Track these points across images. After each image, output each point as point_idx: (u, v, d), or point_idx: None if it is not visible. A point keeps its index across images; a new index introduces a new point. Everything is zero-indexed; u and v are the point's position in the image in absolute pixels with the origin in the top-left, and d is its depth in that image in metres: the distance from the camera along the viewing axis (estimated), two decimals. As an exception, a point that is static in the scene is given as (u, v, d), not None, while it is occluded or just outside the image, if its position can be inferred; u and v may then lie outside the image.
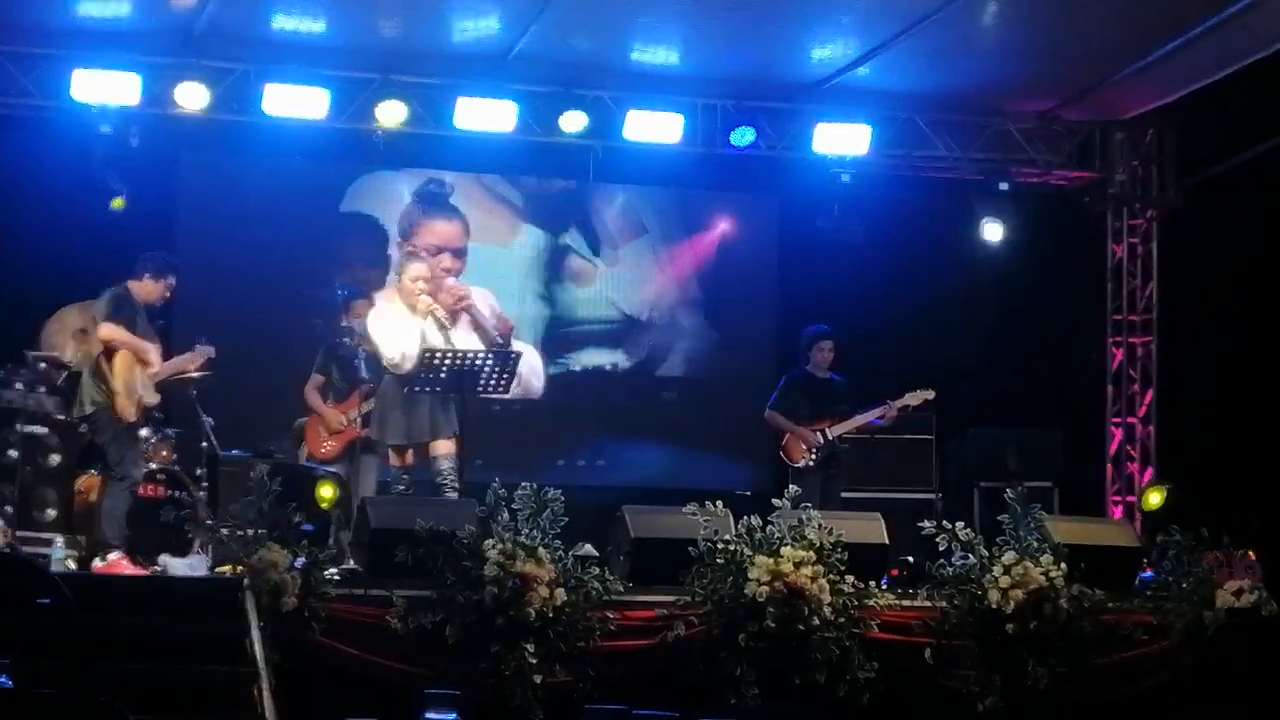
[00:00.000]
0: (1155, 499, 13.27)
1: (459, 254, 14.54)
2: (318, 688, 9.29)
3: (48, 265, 12.90)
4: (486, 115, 13.51)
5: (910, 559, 11.29)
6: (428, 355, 11.16)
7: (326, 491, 11.30)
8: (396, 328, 11.39)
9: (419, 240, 14.41)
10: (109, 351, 10.83)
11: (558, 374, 14.90)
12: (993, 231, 14.32)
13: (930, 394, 12.87)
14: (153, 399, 11.05)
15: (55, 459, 11.68)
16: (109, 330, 10.87)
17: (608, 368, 15.07)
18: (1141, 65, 13.26)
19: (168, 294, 11.19)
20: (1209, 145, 14.10)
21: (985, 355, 14.70)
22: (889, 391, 12.91)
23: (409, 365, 11.25)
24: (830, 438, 12.70)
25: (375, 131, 13.44)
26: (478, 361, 11.22)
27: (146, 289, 11.07)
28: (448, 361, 11.12)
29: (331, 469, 11.90)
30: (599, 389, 14.97)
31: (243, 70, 13.11)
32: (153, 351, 10.94)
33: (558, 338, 14.92)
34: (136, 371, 10.85)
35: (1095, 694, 10.48)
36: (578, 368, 14.98)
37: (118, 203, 12.89)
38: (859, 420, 12.76)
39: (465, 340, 11.52)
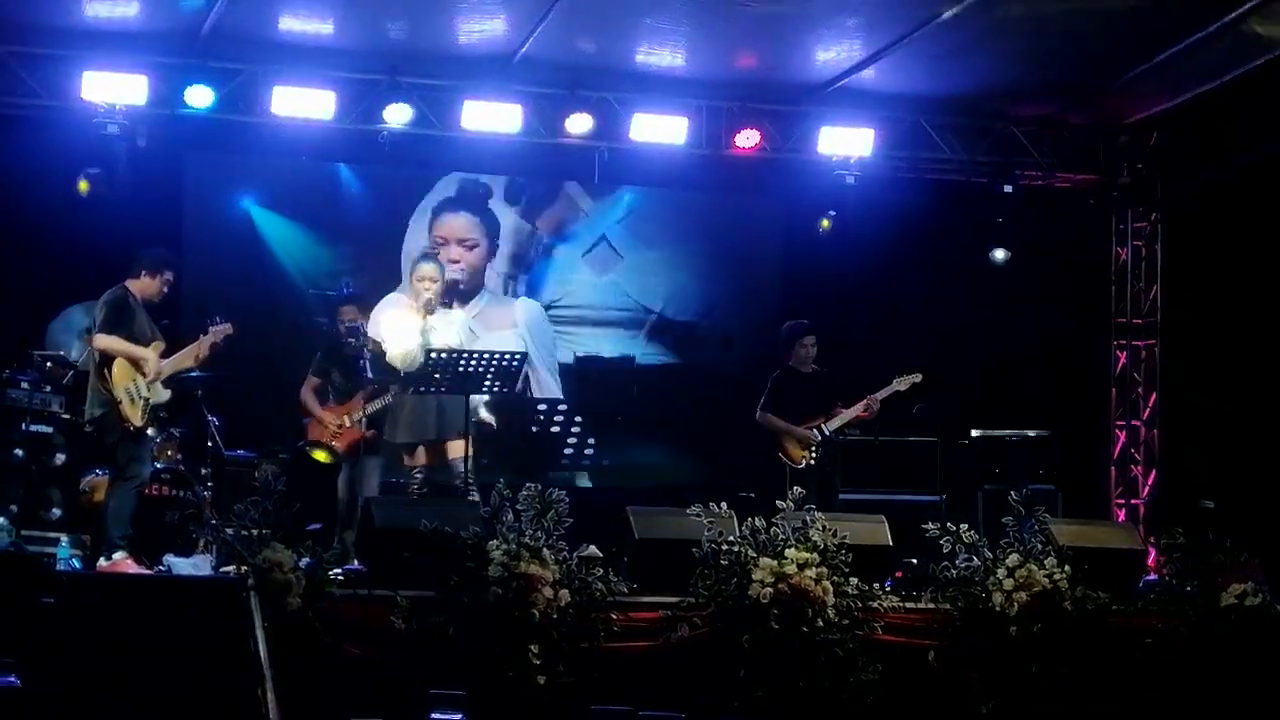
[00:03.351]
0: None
1: (467, 245, 14.74)
2: (322, 688, 9.28)
3: (53, 265, 12.95)
4: (492, 117, 13.55)
5: (914, 561, 11.28)
6: (430, 356, 11.21)
7: (321, 454, 11.36)
8: (400, 326, 11.49)
9: (436, 233, 14.71)
10: (107, 359, 10.86)
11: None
12: (1001, 255, 14.42)
13: (917, 377, 12.77)
14: (161, 397, 11.06)
15: (60, 458, 11.70)
16: (103, 341, 10.92)
17: (611, 370, 15.08)
18: (1145, 68, 13.27)
19: (165, 289, 11.20)
20: (1213, 148, 14.11)
21: (989, 357, 14.71)
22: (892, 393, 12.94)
23: (414, 364, 11.32)
24: (828, 433, 12.69)
25: (381, 133, 13.47)
26: (481, 362, 11.27)
27: (144, 286, 11.11)
28: (450, 363, 11.18)
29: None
30: (603, 390, 14.97)
31: (249, 71, 13.14)
32: (150, 359, 10.93)
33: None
34: (137, 378, 10.87)
35: (1098, 697, 10.47)
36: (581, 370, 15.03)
37: (83, 185, 12.93)
38: (850, 414, 12.71)
39: (444, 336, 11.58)
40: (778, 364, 13.13)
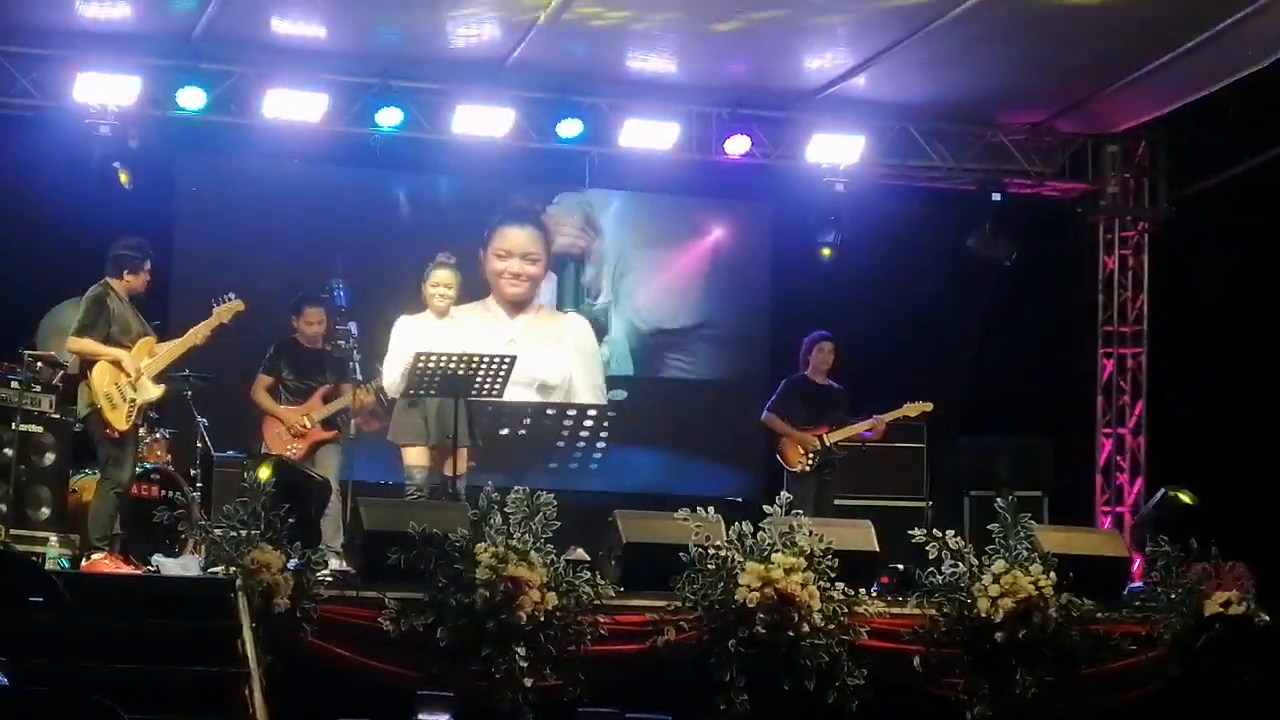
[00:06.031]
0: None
1: (530, 260, 14.75)
2: (309, 689, 9.30)
3: (45, 264, 12.92)
4: (484, 121, 13.57)
5: (900, 567, 11.31)
6: (420, 358, 11.23)
7: (264, 469, 11.34)
8: (416, 332, 11.61)
9: (499, 245, 14.68)
10: (89, 362, 10.86)
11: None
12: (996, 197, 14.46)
13: (928, 406, 12.88)
14: (152, 394, 11.01)
15: (50, 458, 11.66)
16: (74, 344, 10.91)
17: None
18: (1134, 77, 13.31)
19: (139, 286, 11.13)
20: (1201, 158, 14.16)
21: (976, 364, 14.74)
22: (880, 400, 12.95)
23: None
24: (828, 444, 12.72)
25: (373, 136, 13.49)
26: (471, 365, 11.29)
27: (129, 284, 11.08)
28: (440, 365, 11.20)
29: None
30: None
31: (241, 73, 13.16)
32: (125, 359, 10.89)
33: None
34: (120, 379, 10.84)
35: (1083, 703, 10.51)
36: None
37: (123, 176, 12.93)
38: (854, 429, 12.79)
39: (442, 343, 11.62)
40: (792, 369, 13.17)
